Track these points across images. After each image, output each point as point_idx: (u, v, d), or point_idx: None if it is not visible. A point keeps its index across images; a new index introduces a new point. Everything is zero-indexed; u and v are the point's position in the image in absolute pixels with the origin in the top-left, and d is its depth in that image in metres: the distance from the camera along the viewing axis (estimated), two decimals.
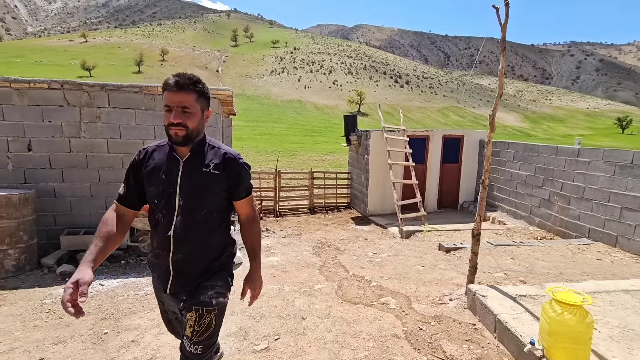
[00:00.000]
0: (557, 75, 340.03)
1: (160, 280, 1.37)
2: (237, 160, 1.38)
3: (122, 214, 1.34)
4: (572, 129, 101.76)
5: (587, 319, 1.70)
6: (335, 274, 3.71)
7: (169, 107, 1.27)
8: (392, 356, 2.11)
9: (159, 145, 1.38)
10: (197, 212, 1.33)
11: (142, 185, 1.35)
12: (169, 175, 1.32)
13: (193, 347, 1.30)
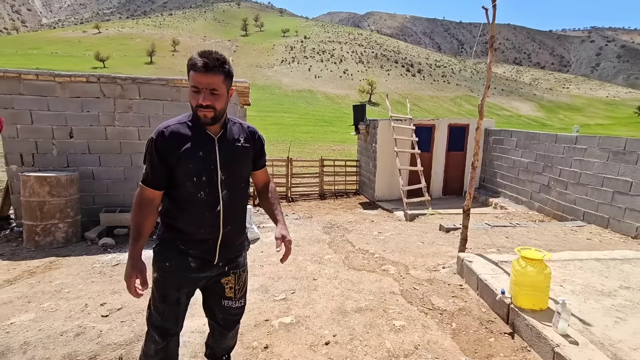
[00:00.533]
0: (575, 63, 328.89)
1: (200, 257, 1.37)
2: (258, 133, 1.49)
3: (150, 198, 1.32)
4: (590, 118, 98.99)
5: (546, 271, 2.08)
6: (342, 248, 4.14)
7: (197, 89, 1.26)
8: (388, 306, 2.54)
9: (179, 123, 1.34)
10: (238, 184, 1.40)
11: (168, 165, 1.30)
12: (206, 153, 1.32)
13: (238, 302, 1.52)
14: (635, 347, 1.80)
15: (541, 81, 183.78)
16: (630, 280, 2.59)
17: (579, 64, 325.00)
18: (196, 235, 1.35)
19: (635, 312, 2.15)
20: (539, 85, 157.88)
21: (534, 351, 1.98)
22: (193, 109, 1.30)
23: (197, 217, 1.34)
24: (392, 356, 1.97)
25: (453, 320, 2.36)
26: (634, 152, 4.61)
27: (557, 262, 2.90)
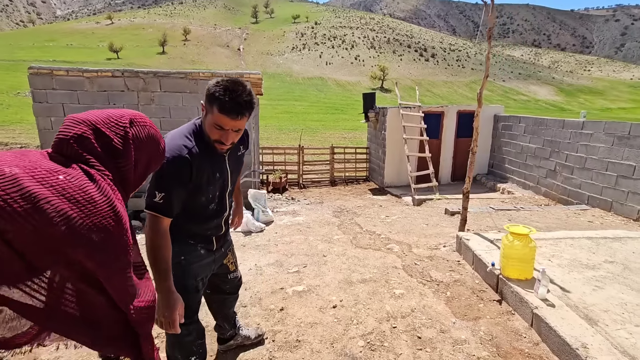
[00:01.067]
0: (598, 44, 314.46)
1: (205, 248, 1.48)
2: (246, 129, 1.47)
3: (167, 226, 1.26)
4: (612, 101, 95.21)
5: (531, 244, 2.32)
6: (351, 229, 4.43)
7: (220, 127, 1.24)
8: (390, 278, 2.83)
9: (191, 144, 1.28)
10: (234, 185, 1.54)
11: (188, 190, 1.30)
12: (220, 172, 1.39)
13: (238, 272, 1.78)
14: (606, 309, 2.04)
15: (561, 64, 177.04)
16: (616, 255, 2.80)
17: (602, 44, 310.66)
18: (203, 234, 1.46)
19: (614, 282, 2.37)
20: (559, 68, 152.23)
21: (517, 314, 2.24)
22: (209, 138, 1.29)
23: (207, 223, 1.44)
24: (390, 317, 2.26)
25: (448, 289, 2.63)
26: (639, 137, 4.69)
27: (549, 240, 3.12)
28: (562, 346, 1.79)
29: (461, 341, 2.02)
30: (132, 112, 0.93)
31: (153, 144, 0.95)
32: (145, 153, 0.92)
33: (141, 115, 0.94)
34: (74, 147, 0.80)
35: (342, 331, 2.12)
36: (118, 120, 0.87)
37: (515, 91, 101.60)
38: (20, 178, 0.67)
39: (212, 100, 1.23)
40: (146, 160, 0.94)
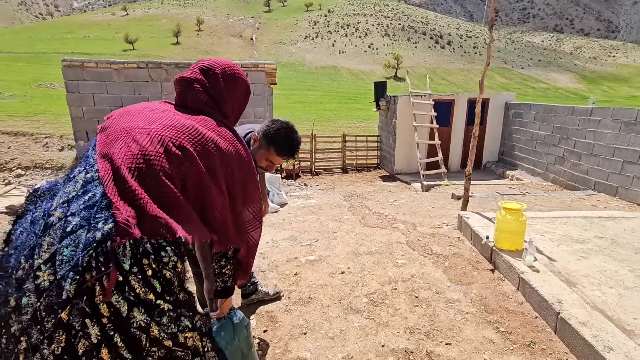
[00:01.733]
0: (625, 28, 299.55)
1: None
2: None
3: None
4: (637, 89, 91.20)
5: (521, 219, 2.55)
6: (360, 211, 4.71)
7: (271, 162, 1.51)
8: (394, 250, 3.11)
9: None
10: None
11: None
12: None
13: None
14: (586, 275, 2.27)
15: (584, 49, 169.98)
16: (607, 232, 2.99)
17: (629, 29, 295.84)
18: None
19: (599, 254, 2.58)
20: (581, 55, 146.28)
21: (507, 280, 2.49)
22: (256, 162, 1.51)
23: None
24: (392, 281, 2.55)
25: (446, 260, 2.90)
26: None
27: (545, 218, 3.32)
28: (541, 303, 2.04)
29: (454, 300, 2.29)
30: (223, 62, 1.17)
31: (242, 89, 1.19)
32: (237, 99, 1.17)
33: (229, 63, 1.17)
34: (198, 100, 1.09)
35: (349, 291, 2.42)
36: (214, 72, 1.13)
37: (535, 79, 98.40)
38: (199, 129, 0.98)
39: (270, 143, 1.51)
40: (238, 106, 1.19)
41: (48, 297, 0.73)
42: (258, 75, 5.56)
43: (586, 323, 1.76)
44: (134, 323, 0.78)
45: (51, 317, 0.72)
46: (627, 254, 2.57)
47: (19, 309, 0.75)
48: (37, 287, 0.73)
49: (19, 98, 18.79)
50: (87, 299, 0.74)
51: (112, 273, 0.75)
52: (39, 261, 0.75)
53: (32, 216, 0.83)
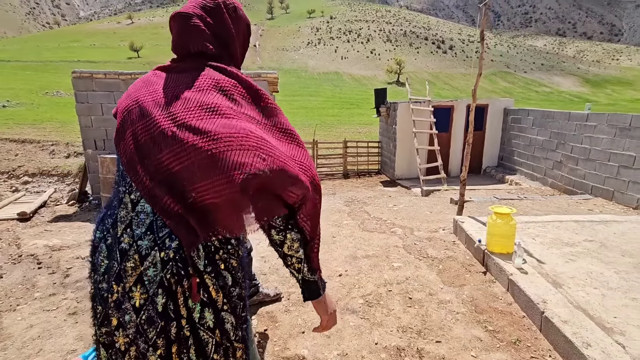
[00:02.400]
0: (628, 31, 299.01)
1: None
2: None
3: None
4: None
5: (511, 222, 2.66)
6: (359, 216, 4.82)
7: None
8: (390, 254, 3.22)
9: None
10: None
11: None
12: None
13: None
14: (572, 276, 2.37)
15: (587, 53, 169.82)
16: (597, 236, 3.09)
17: (632, 32, 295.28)
18: None
19: (587, 256, 2.68)
20: (584, 58, 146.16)
21: (497, 282, 2.59)
22: None
23: None
24: (387, 283, 2.66)
25: (441, 263, 3.00)
26: (638, 128, 4.86)
27: (538, 222, 3.42)
28: (528, 303, 2.15)
29: (445, 301, 2.40)
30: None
31: (245, 23, 1.05)
32: (242, 34, 1.04)
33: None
34: (201, 40, 0.93)
35: (346, 293, 2.54)
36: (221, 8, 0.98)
37: (538, 82, 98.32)
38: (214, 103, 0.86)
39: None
40: (243, 42, 1.05)
41: (146, 312, 0.86)
42: (261, 84, 5.73)
43: (568, 321, 1.86)
44: (205, 324, 0.90)
45: (152, 328, 0.86)
46: (614, 257, 2.66)
47: (123, 325, 0.88)
48: (133, 306, 0.86)
49: (26, 106, 19.15)
50: (170, 302, 0.87)
51: (192, 279, 0.87)
52: (129, 284, 0.86)
53: (106, 245, 0.91)
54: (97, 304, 0.92)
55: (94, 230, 0.96)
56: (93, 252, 0.94)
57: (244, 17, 1.03)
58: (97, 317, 0.92)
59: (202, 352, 0.90)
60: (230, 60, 0.98)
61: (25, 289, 2.66)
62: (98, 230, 0.94)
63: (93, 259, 0.94)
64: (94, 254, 0.94)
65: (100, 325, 0.93)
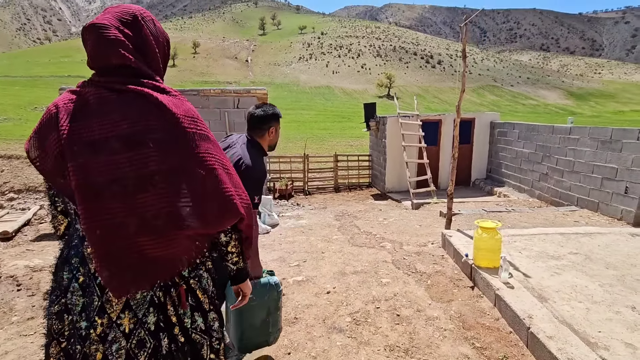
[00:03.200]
0: (609, 46, 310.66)
1: None
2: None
3: None
4: (624, 104, 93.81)
5: (497, 237, 2.68)
6: (349, 230, 4.81)
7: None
8: (379, 270, 3.20)
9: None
10: None
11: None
12: None
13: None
14: (558, 290, 2.38)
15: (570, 67, 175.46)
16: (582, 248, 3.12)
17: (612, 47, 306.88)
18: None
19: (572, 269, 2.70)
20: (568, 72, 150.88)
21: (485, 297, 2.59)
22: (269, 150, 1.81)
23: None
24: (375, 300, 2.64)
25: (429, 278, 2.99)
26: (619, 141, 4.99)
27: (525, 235, 3.45)
28: (514, 318, 2.14)
29: (433, 318, 2.39)
30: (135, 6, 0.99)
31: (164, 35, 1.03)
32: (162, 45, 1.02)
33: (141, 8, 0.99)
34: (121, 50, 0.89)
35: (333, 311, 2.51)
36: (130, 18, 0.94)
37: (524, 96, 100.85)
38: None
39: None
40: (164, 55, 1.03)
41: (137, 336, 0.88)
42: (250, 100, 5.77)
43: (553, 337, 1.86)
44: (197, 328, 0.95)
45: (143, 351, 0.88)
46: (598, 269, 2.69)
47: (108, 358, 0.88)
48: (123, 332, 0.88)
49: (14, 121, 18.92)
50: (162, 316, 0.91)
51: (180, 288, 0.93)
52: (116, 313, 0.88)
53: (79, 284, 0.90)
54: (76, 344, 0.90)
55: (58, 272, 0.94)
56: (64, 294, 0.91)
57: (162, 31, 1.02)
58: (76, 357, 0.90)
59: (198, 355, 0.94)
60: (153, 72, 0.96)
61: (1, 313, 2.57)
62: (65, 271, 0.92)
63: (65, 300, 0.91)
64: (65, 295, 0.91)
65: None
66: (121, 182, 0.84)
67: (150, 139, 0.86)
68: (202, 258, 0.99)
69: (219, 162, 0.95)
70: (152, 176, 0.86)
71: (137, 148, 0.85)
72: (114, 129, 0.85)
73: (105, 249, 0.85)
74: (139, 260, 0.87)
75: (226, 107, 5.68)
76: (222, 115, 5.67)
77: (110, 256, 0.85)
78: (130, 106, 0.88)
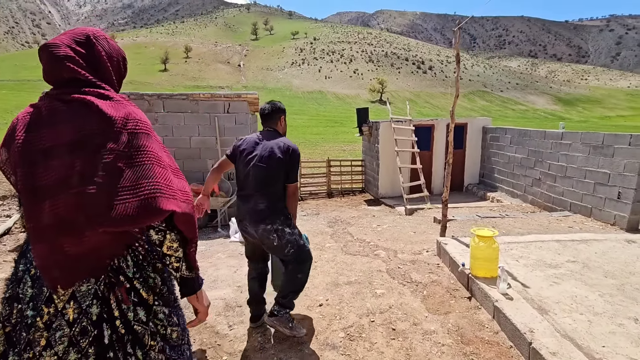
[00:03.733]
0: (594, 53, 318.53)
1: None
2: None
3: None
4: (610, 109, 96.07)
5: (494, 245, 2.60)
6: (342, 238, 4.70)
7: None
8: (373, 280, 3.10)
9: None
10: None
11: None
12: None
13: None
14: (558, 301, 2.30)
15: (558, 73, 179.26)
16: (579, 256, 3.07)
17: (597, 54, 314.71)
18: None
19: (570, 278, 2.63)
20: (556, 78, 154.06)
21: (483, 308, 2.51)
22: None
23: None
24: (370, 313, 2.53)
25: (425, 289, 2.90)
26: (611, 146, 5.00)
27: (521, 243, 3.39)
28: (514, 332, 2.06)
29: (430, 332, 2.28)
30: (90, 28, 1.09)
31: (120, 53, 1.13)
32: (116, 62, 1.11)
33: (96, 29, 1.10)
34: (71, 65, 0.99)
35: (326, 325, 2.39)
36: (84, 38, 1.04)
37: (514, 101, 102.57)
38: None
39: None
40: (118, 71, 1.12)
41: (79, 324, 0.95)
42: (240, 105, 5.66)
43: (556, 353, 1.78)
44: (139, 320, 1.01)
45: (85, 338, 0.95)
46: (597, 278, 2.63)
47: (51, 345, 0.94)
48: (67, 321, 0.94)
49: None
50: (105, 308, 0.97)
51: (121, 289, 0.98)
52: (62, 303, 0.95)
53: (30, 276, 0.99)
54: (21, 331, 0.96)
55: (15, 264, 1.03)
56: (17, 284, 0.99)
57: (117, 48, 1.11)
58: (20, 343, 0.96)
59: (140, 342, 1.00)
60: (102, 83, 1.04)
61: None
62: (21, 264, 1.01)
63: (17, 290, 0.99)
64: (18, 285, 0.99)
65: (22, 352, 0.96)
66: (55, 185, 0.92)
67: (94, 144, 0.93)
68: (151, 259, 1.04)
69: (151, 159, 0.98)
70: (78, 177, 0.92)
71: (78, 153, 0.92)
72: (60, 137, 0.93)
73: (37, 247, 0.94)
74: (64, 258, 0.94)
75: (216, 112, 5.56)
76: (212, 120, 5.54)
77: (41, 253, 0.94)
78: (76, 114, 0.95)
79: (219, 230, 5.24)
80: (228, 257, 3.82)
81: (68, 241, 0.93)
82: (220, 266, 3.53)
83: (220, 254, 3.90)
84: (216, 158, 5.49)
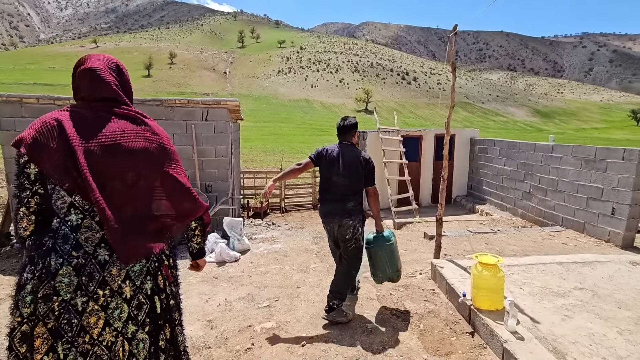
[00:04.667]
0: (569, 68, 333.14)
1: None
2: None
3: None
4: (585, 122, 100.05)
5: (499, 274, 2.31)
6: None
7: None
8: (364, 310, 2.76)
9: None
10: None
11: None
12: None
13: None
14: (574, 341, 2.02)
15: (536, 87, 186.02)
16: (585, 281, 2.82)
17: (572, 69, 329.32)
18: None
19: (582, 310, 2.37)
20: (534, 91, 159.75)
21: (489, 347, 2.20)
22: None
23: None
24: (361, 355, 2.18)
25: (421, 322, 2.58)
26: (603, 160, 4.87)
27: (522, 266, 3.12)
28: None
29: None
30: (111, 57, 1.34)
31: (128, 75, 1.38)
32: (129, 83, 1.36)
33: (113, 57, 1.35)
34: (113, 89, 1.26)
35: None
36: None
37: (495, 112, 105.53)
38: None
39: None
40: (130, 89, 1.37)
41: (137, 299, 1.16)
42: (220, 112, 5.28)
43: None
44: (174, 293, 1.32)
45: (140, 310, 1.17)
46: (611, 310, 2.37)
47: (110, 323, 1.11)
48: (125, 299, 1.14)
49: None
50: (155, 282, 1.22)
51: (164, 267, 1.27)
52: (117, 283, 1.13)
53: (72, 266, 1.09)
54: (71, 319, 1.07)
55: (45, 259, 1.09)
56: (53, 277, 1.07)
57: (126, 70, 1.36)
58: (73, 330, 1.07)
59: (178, 310, 1.35)
60: (130, 100, 1.32)
61: None
62: (53, 258, 1.08)
63: (53, 283, 1.07)
64: (54, 279, 1.07)
65: (76, 337, 1.07)
66: (121, 179, 1.16)
67: (145, 151, 1.22)
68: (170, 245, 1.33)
69: (182, 171, 1.34)
70: (145, 178, 1.21)
71: (134, 155, 1.19)
72: (115, 139, 1.17)
73: (113, 228, 1.11)
74: (134, 243, 1.16)
75: (193, 120, 5.16)
76: (188, 128, 5.13)
77: (116, 233, 1.11)
78: (124, 123, 1.22)
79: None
80: (200, 282, 3.41)
81: (139, 228, 1.18)
82: (191, 293, 3.12)
83: (192, 277, 3.48)
84: (192, 169, 5.07)
